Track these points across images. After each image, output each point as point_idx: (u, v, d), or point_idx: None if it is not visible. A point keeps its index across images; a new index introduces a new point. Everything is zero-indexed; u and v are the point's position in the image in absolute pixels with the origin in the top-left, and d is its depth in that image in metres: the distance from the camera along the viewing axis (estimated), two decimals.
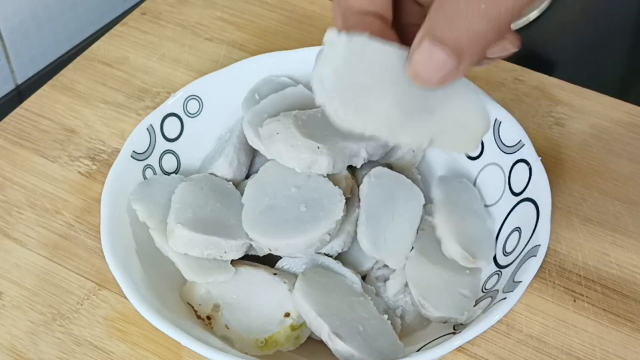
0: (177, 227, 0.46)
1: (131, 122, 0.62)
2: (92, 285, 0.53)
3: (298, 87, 0.55)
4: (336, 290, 0.46)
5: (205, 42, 0.69)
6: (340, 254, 0.49)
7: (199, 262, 0.47)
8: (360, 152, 0.50)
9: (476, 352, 0.49)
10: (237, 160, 0.52)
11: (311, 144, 0.48)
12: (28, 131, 0.62)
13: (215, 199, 0.49)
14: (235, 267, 0.48)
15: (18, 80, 0.76)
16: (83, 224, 0.56)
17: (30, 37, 0.75)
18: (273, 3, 0.72)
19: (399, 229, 0.49)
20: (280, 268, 0.49)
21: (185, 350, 0.50)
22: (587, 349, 0.49)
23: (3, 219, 0.57)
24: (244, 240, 0.47)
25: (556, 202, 0.52)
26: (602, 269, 0.53)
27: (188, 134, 0.54)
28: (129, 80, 0.66)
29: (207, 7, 0.72)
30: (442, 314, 0.46)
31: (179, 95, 0.54)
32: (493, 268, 0.48)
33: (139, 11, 0.72)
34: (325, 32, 0.38)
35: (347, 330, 0.44)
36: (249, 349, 0.45)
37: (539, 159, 0.49)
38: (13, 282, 0.53)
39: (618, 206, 0.56)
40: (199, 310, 0.47)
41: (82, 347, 0.50)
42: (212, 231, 0.47)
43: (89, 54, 0.68)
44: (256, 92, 0.55)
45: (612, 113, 0.62)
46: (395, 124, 0.38)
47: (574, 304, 0.51)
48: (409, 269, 0.48)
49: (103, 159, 0.60)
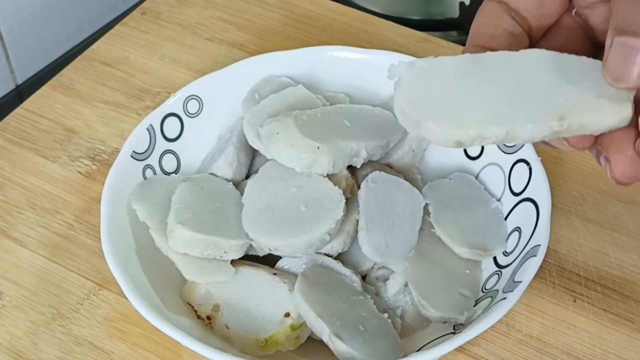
0: (177, 227, 0.46)
1: (131, 122, 0.62)
2: (92, 285, 0.53)
3: (298, 87, 0.55)
4: (336, 290, 0.46)
5: (205, 42, 0.69)
6: (340, 254, 0.49)
7: (199, 262, 0.47)
8: (360, 152, 0.50)
9: (476, 352, 0.49)
10: (238, 160, 0.52)
11: (311, 144, 0.48)
12: (28, 131, 0.62)
13: (215, 199, 0.49)
14: (235, 267, 0.48)
15: (18, 80, 0.76)
16: (83, 224, 0.56)
17: (30, 37, 0.75)
18: (273, 3, 0.72)
19: (400, 232, 0.49)
20: (280, 268, 0.49)
21: (185, 350, 0.50)
22: (587, 349, 0.49)
23: (3, 219, 0.57)
24: (244, 240, 0.47)
25: (556, 202, 0.52)
26: (602, 269, 0.53)
27: (188, 134, 0.54)
28: (129, 80, 0.66)
29: (207, 7, 0.72)
30: (442, 314, 0.46)
31: (179, 95, 0.54)
32: (493, 268, 0.48)
33: (139, 11, 0.72)
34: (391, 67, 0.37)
35: (347, 331, 0.44)
36: (249, 349, 0.45)
37: (539, 159, 0.49)
38: (13, 282, 0.53)
39: (618, 206, 0.56)
40: (199, 310, 0.47)
41: (82, 347, 0.50)
42: (212, 231, 0.47)
43: (89, 54, 0.68)
44: (256, 92, 0.55)
45: None
46: (506, 116, 0.35)
47: (574, 304, 0.51)
48: (409, 269, 0.48)
49: (103, 159, 0.60)
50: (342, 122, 0.51)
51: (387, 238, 0.48)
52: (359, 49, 0.57)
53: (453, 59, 0.37)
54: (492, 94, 0.36)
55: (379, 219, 0.49)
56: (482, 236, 0.49)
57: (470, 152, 0.54)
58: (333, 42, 0.67)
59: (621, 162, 0.35)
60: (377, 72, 0.55)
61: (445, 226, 0.49)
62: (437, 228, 0.49)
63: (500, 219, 0.50)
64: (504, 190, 0.51)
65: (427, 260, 0.48)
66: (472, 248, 0.48)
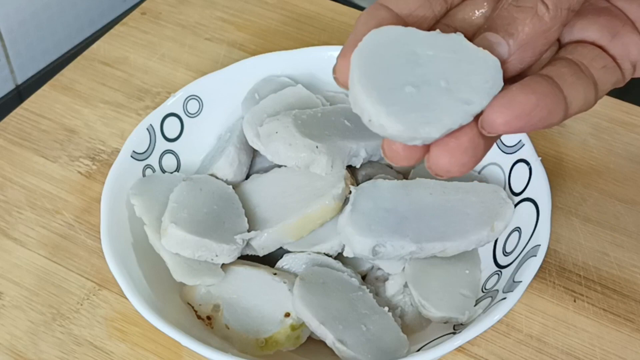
0: (171, 227, 0.46)
1: (131, 122, 0.62)
2: (92, 285, 0.53)
3: (298, 86, 0.55)
4: (335, 289, 0.46)
5: (205, 42, 0.69)
6: (340, 253, 0.49)
7: (190, 263, 0.47)
8: (359, 152, 0.50)
9: (476, 352, 0.49)
10: (238, 161, 0.52)
11: (310, 143, 0.48)
12: (28, 131, 0.62)
13: (213, 201, 0.49)
14: (235, 267, 0.48)
15: (18, 80, 0.76)
16: (83, 224, 0.56)
17: (30, 37, 0.75)
18: (273, 3, 0.72)
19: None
20: (280, 268, 0.49)
21: (185, 350, 0.50)
22: (587, 349, 0.49)
23: (3, 219, 0.57)
24: (236, 245, 0.47)
25: (556, 202, 0.52)
26: (602, 269, 0.53)
27: (188, 134, 0.54)
28: (129, 80, 0.66)
29: (207, 7, 0.72)
30: (444, 314, 0.46)
31: (179, 95, 0.54)
32: (493, 268, 0.48)
33: (139, 11, 0.72)
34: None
35: (350, 334, 0.44)
36: (249, 349, 0.45)
37: (539, 159, 0.49)
38: (13, 282, 0.53)
39: (618, 206, 0.56)
40: (199, 310, 0.47)
41: (82, 347, 0.50)
42: (205, 233, 0.47)
43: (89, 54, 0.68)
44: (256, 92, 0.55)
45: (612, 113, 0.62)
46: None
47: (574, 304, 0.51)
48: (408, 269, 0.48)
49: (103, 159, 0.60)
50: (342, 122, 0.51)
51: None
52: None
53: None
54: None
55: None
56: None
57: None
58: (333, 42, 0.67)
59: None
60: None
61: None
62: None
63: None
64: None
65: (427, 261, 0.48)
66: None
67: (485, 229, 0.47)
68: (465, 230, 0.46)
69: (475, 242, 0.47)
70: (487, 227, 0.47)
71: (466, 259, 0.49)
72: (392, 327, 0.45)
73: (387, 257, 0.46)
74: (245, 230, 0.48)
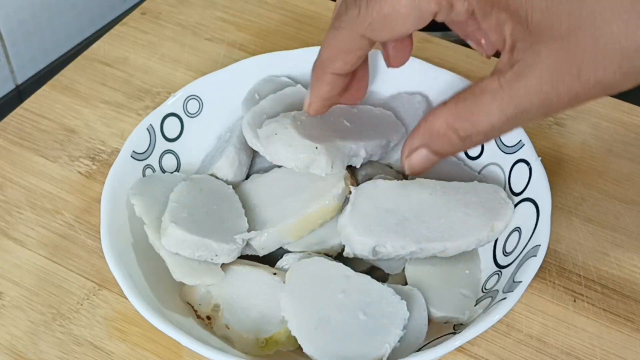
0: (171, 226, 0.46)
1: (131, 122, 0.62)
2: (92, 285, 0.53)
3: (297, 87, 0.55)
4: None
5: (205, 42, 0.69)
6: (340, 253, 0.49)
7: (189, 263, 0.47)
8: (359, 152, 0.50)
9: (476, 352, 0.49)
10: (238, 161, 0.52)
11: (309, 144, 0.48)
12: (28, 131, 0.62)
13: (213, 201, 0.49)
14: (235, 267, 0.48)
15: (18, 80, 0.76)
16: (83, 224, 0.56)
17: (30, 37, 0.75)
18: (273, 3, 0.72)
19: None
20: (280, 268, 0.49)
21: (185, 350, 0.50)
22: (587, 349, 0.49)
23: (3, 219, 0.57)
24: (236, 245, 0.47)
25: (556, 202, 0.52)
26: (602, 269, 0.53)
27: (188, 134, 0.54)
28: (129, 80, 0.66)
29: (207, 7, 0.72)
30: (444, 314, 0.46)
31: (179, 95, 0.54)
32: (493, 268, 0.48)
33: (139, 11, 0.72)
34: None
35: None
36: (249, 349, 0.45)
37: (539, 159, 0.49)
38: (13, 282, 0.53)
39: (618, 206, 0.56)
40: (199, 310, 0.47)
41: (82, 347, 0.50)
42: (205, 233, 0.47)
43: (89, 54, 0.68)
44: (256, 92, 0.55)
45: (612, 113, 0.62)
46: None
47: (574, 304, 0.51)
48: (408, 269, 0.48)
49: (103, 159, 0.60)
50: (342, 122, 0.51)
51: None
52: None
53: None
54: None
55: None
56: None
57: (471, 152, 0.54)
58: None
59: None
60: (377, 72, 0.55)
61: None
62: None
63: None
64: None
65: (427, 261, 0.48)
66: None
67: (485, 229, 0.47)
68: (465, 230, 0.46)
69: (475, 242, 0.47)
70: (487, 227, 0.47)
71: (466, 259, 0.49)
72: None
73: (388, 257, 0.46)
74: (245, 230, 0.48)
